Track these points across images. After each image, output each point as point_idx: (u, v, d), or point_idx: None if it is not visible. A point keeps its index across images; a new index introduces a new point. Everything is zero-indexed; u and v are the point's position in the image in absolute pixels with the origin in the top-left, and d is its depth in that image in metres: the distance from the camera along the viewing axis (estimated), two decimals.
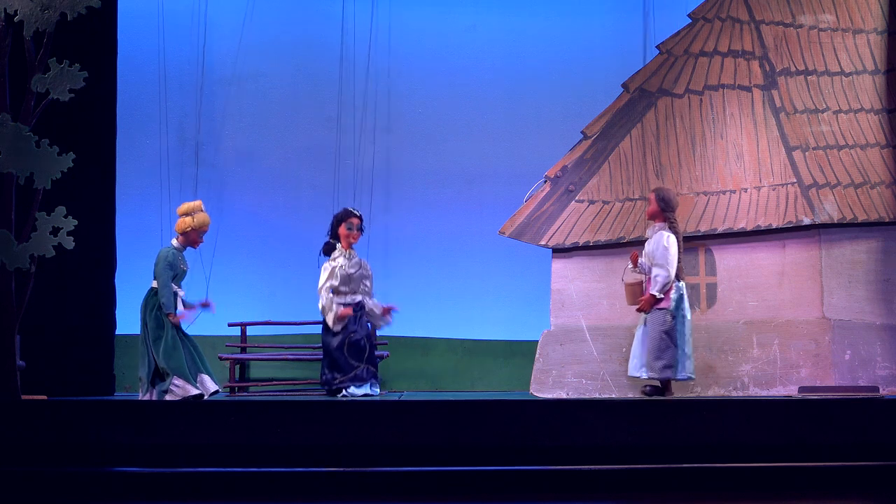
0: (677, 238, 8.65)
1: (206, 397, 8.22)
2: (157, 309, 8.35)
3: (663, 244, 8.58)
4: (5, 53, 8.33)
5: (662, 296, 8.56)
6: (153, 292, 8.40)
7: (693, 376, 8.71)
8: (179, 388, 8.18)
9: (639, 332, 8.72)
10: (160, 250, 8.47)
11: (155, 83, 10.56)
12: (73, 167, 8.25)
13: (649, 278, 8.64)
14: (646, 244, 8.77)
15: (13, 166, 8.18)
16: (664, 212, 8.70)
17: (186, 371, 8.20)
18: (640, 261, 8.67)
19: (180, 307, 8.42)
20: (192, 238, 8.51)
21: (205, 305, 8.55)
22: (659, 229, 8.69)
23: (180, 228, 8.51)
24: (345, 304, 9.02)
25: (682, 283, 8.65)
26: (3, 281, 8.19)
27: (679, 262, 8.62)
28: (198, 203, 8.60)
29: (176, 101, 10.58)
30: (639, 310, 8.66)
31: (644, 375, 8.63)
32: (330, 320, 8.98)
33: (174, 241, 8.53)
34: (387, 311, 9.18)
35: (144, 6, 10.49)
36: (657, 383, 8.61)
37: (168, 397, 8.15)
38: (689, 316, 8.67)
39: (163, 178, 10.51)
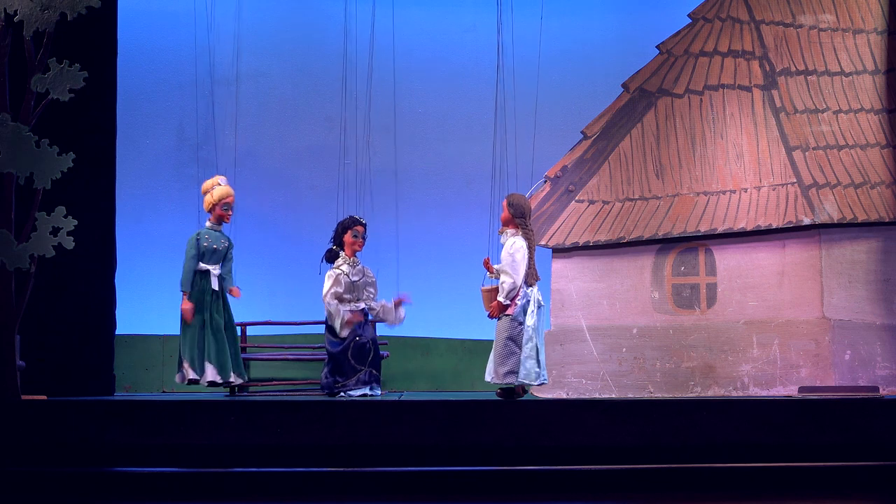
0: (528, 244, 8.46)
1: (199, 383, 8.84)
2: (198, 292, 8.89)
3: (509, 251, 8.44)
4: (5, 53, 8.33)
5: (509, 302, 8.44)
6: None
7: (534, 383, 8.29)
8: (184, 371, 8.93)
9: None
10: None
11: (155, 83, 10.56)
12: (73, 167, 8.25)
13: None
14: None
15: (13, 166, 8.18)
16: (515, 218, 8.52)
17: (193, 356, 8.79)
18: (494, 267, 8.59)
19: (214, 284, 8.90)
20: (218, 214, 8.93)
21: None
22: (511, 235, 8.56)
23: (206, 207, 8.98)
24: (350, 312, 8.98)
25: (531, 290, 8.43)
26: (3, 281, 8.19)
27: (530, 267, 8.43)
28: (215, 179, 9.06)
29: (176, 101, 10.58)
30: (490, 316, 8.54)
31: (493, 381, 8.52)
32: (338, 326, 8.94)
33: (207, 222, 9.01)
34: (398, 303, 9.13)
35: (144, 6, 10.48)
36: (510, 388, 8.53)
37: (177, 378, 8.91)
38: (532, 322, 8.36)
39: (162, 178, 10.50)
